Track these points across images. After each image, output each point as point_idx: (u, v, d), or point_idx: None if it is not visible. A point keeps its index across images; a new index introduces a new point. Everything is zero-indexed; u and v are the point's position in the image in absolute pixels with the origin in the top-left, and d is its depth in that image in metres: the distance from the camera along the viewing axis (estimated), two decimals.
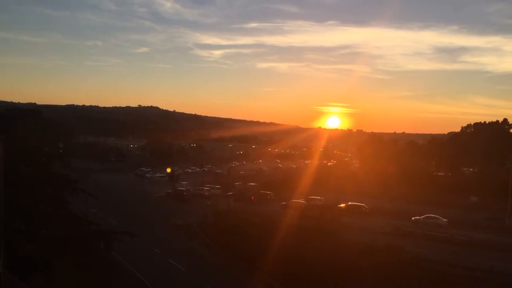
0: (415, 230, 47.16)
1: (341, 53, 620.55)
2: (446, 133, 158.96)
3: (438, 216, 53.39)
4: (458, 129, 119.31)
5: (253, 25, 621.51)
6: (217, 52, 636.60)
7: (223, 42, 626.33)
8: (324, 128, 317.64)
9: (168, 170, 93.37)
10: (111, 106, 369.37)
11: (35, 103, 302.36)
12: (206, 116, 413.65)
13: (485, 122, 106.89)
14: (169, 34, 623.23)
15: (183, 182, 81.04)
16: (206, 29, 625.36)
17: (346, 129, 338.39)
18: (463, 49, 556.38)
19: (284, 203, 60.23)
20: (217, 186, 76.44)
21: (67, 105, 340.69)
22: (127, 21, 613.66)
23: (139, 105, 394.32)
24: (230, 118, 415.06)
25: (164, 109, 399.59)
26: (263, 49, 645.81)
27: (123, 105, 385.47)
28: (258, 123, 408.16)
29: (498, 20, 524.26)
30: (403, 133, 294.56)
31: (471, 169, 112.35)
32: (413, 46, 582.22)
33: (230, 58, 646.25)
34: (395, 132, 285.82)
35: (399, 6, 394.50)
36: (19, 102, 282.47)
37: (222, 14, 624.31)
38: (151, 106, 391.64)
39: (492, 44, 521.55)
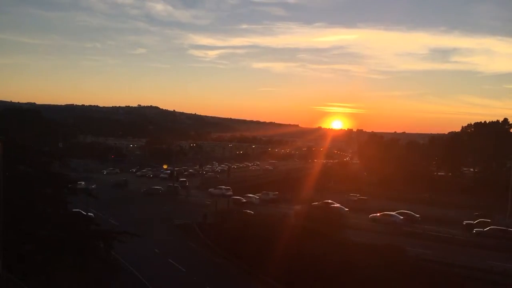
0: (416, 230, 47.06)
1: (334, 53, 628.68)
2: (446, 132, 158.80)
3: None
4: (457, 129, 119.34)
5: (244, 26, 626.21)
6: (212, 53, 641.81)
7: (217, 43, 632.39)
8: (324, 128, 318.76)
9: (165, 166, 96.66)
10: (111, 106, 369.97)
11: (34, 103, 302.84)
12: (206, 116, 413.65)
13: (485, 122, 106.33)
14: (164, 35, 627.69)
15: (222, 186, 74.09)
16: (199, 30, 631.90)
17: (346, 129, 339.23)
18: (455, 50, 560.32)
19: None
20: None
21: (67, 105, 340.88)
22: (122, 22, 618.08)
23: (138, 105, 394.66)
24: (230, 118, 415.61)
25: (164, 109, 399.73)
26: (257, 50, 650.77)
27: (123, 105, 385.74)
28: (258, 123, 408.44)
29: (487, 21, 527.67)
30: (404, 132, 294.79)
31: (471, 169, 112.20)
32: (404, 46, 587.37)
33: (225, 58, 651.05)
34: (395, 132, 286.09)
35: (385, 8, 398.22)
36: (18, 102, 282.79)
37: (213, 16, 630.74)
38: (151, 106, 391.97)
39: (483, 45, 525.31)
